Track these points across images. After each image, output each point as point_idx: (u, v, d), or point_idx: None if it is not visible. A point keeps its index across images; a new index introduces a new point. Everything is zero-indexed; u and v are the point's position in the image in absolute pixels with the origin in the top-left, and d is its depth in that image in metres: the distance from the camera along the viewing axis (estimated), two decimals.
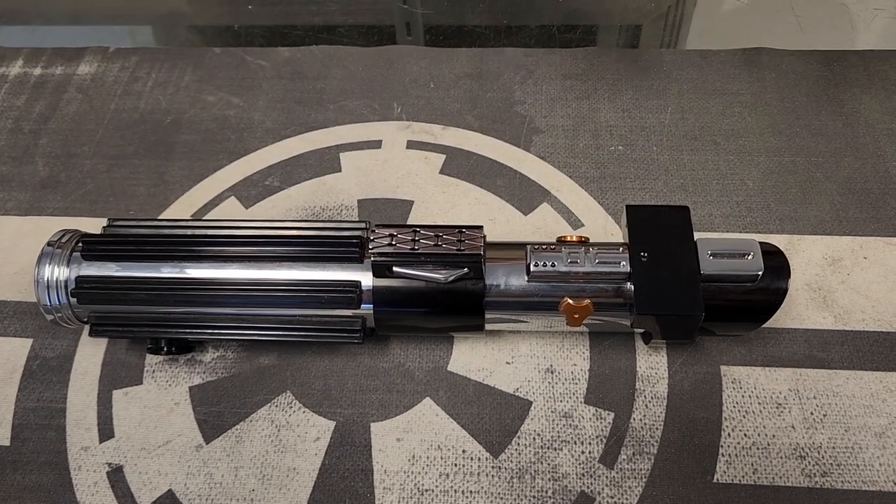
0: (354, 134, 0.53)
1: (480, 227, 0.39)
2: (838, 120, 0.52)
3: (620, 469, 0.39)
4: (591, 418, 0.41)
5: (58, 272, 0.40)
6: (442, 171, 0.51)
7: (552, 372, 0.43)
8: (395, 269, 0.38)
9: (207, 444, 0.41)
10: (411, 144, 0.52)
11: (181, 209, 0.50)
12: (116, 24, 0.67)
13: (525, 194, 0.49)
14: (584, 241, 0.40)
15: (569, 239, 0.40)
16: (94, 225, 0.43)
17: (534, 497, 0.39)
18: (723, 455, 0.40)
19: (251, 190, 0.51)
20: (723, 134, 0.52)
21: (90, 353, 0.44)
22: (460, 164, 0.51)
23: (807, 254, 0.46)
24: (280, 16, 0.65)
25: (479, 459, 0.40)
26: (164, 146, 0.53)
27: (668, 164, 0.50)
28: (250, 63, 0.58)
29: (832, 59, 0.55)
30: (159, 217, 0.49)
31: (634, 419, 0.41)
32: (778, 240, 0.46)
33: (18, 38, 0.64)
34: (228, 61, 0.58)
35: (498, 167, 0.51)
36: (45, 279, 0.40)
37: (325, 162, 0.52)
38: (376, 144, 0.53)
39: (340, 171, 0.51)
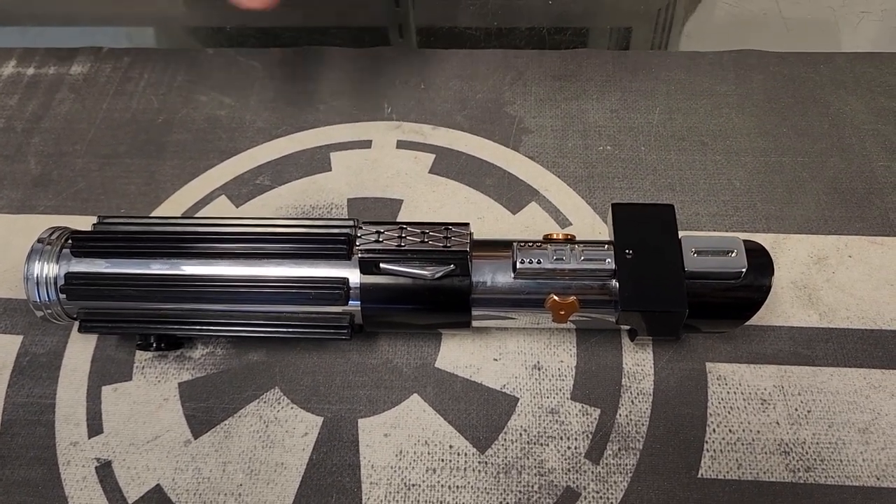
0: (345, 134, 0.54)
1: (467, 225, 0.40)
2: (824, 121, 0.52)
3: (606, 464, 0.40)
4: (577, 414, 0.41)
5: (47, 269, 0.41)
6: (431, 171, 0.51)
7: (539, 369, 0.43)
8: (381, 265, 0.39)
9: (196, 439, 0.41)
10: (401, 144, 0.53)
11: (172, 207, 0.50)
12: (109, 25, 0.67)
13: (513, 193, 0.50)
14: (569, 239, 0.40)
15: (555, 237, 0.41)
16: (85, 223, 0.44)
17: (520, 492, 0.39)
18: (707, 450, 0.40)
19: (241, 189, 0.51)
20: (710, 134, 0.52)
21: (80, 350, 0.45)
22: (450, 164, 0.52)
23: (792, 252, 0.46)
24: (272, 18, 0.65)
25: (465, 455, 0.40)
26: (156, 145, 0.54)
27: (655, 163, 0.51)
28: (242, 64, 0.59)
29: (819, 60, 0.56)
30: (149, 215, 0.50)
31: (620, 415, 0.41)
32: (764, 239, 0.46)
33: (11, 39, 0.65)
34: (221, 62, 0.59)
35: (487, 167, 0.51)
36: (35, 275, 0.40)
37: (315, 161, 0.52)
38: (366, 144, 0.53)
39: (331, 170, 0.52)
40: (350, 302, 0.40)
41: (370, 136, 0.53)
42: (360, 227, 0.39)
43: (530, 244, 0.40)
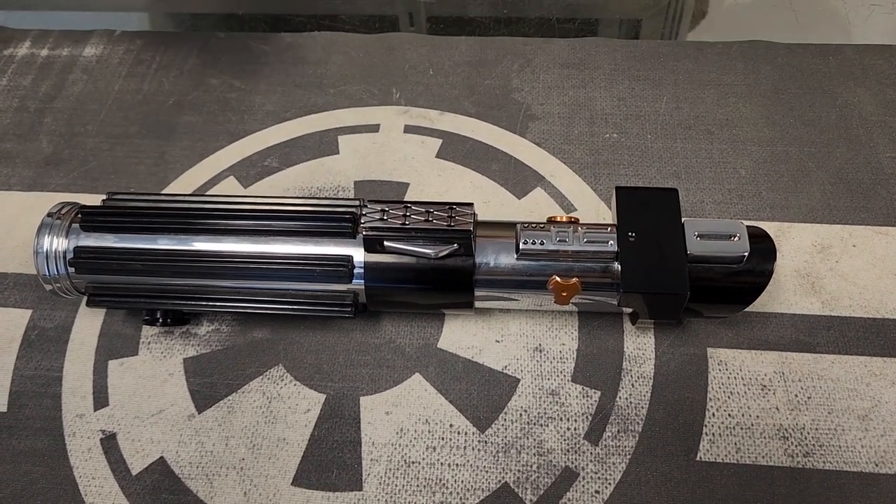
0: (353, 118, 0.54)
1: (471, 205, 0.40)
2: (832, 112, 0.52)
3: (605, 446, 0.40)
4: (577, 396, 0.42)
5: (57, 243, 0.41)
6: (438, 156, 0.52)
7: (541, 351, 0.43)
8: (386, 243, 0.39)
9: (200, 413, 0.42)
10: (409, 129, 0.53)
11: (180, 187, 0.51)
12: (123, 9, 0.68)
13: (519, 179, 0.50)
14: (573, 221, 0.40)
15: (559, 219, 0.41)
16: (95, 201, 0.44)
17: (519, 471, 0.39)
18: (706, 434, 0.40)
19: (250, 170, 0.51)
20: (717, 123, 0.52)
21: (88, 325, 0.45)
22: (456, 149, 0.52)
23: (796, 241, 0.46)
24: (283, 4, 0.66)
25: (465, 434, 0.41)
26: (166, 127, 0.54)
27: (661, 151, 0.51)
28: (253, 48, 0.59)
29: (828, 52, 0.56)
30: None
31: (620, 398, 0.41)
32: (768, 227, 0.46)
33: (27, 21, 0.65)
34: (232, 45, 0.59)
35: (493, 152, 0.52)
36: (45, 249, 0.41)
37: (323, 144, 0.53)
38: (374, 128, 0.53)
39: (338, 153, 0.52)
40: (354, 280, 0.40)
41: (378, 121, 0.54)
42: (366, 206, 0.40)
43: (533, 225, 0.40)
